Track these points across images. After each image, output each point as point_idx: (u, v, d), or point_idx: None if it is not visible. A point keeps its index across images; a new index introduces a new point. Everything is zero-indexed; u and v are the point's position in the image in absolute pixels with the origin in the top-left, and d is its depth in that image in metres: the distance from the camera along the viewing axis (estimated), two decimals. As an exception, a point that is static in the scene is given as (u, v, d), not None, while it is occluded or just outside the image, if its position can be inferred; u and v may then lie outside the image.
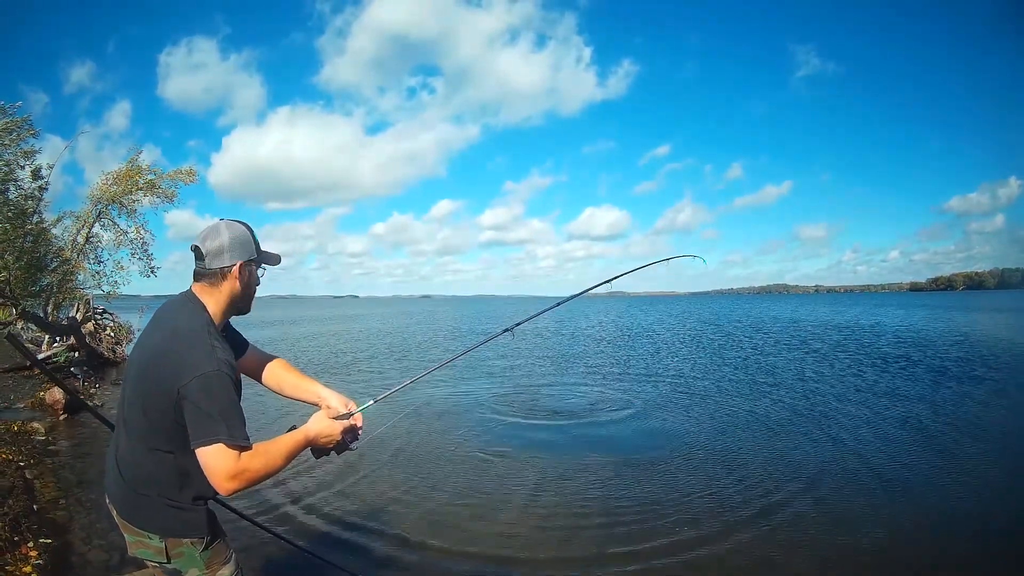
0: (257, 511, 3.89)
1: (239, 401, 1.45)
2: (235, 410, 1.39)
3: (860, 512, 3.99)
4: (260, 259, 1.59)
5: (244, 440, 1.36)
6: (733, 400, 8.06)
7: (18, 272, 9.03)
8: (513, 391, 9.03)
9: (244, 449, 1.36)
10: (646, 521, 3.86)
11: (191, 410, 1.34)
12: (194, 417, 1.34)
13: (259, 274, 1.61)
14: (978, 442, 5.73)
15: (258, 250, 1.58)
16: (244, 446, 1.36)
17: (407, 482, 4.67)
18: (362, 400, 1.75)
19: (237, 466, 1.34)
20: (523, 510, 4.08)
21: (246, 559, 3.07)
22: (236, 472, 1.34)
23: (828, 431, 6.21)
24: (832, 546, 3.49)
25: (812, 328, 22.63)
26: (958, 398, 7.88)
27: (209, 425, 1.33)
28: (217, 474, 1.33)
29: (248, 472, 1.36)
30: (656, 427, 6.58)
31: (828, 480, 4.64)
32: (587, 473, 4.88)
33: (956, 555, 3.42)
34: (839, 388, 8.89)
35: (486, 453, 5.52)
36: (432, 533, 3.65)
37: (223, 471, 1.33)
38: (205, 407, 1.34)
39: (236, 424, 1.37)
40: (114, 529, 1.52)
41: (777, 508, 4.06)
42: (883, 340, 16.63)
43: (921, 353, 13.14)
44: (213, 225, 1.54)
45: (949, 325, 22.70)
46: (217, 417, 1.34)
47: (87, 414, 6.68)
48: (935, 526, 3.80)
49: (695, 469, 4.97)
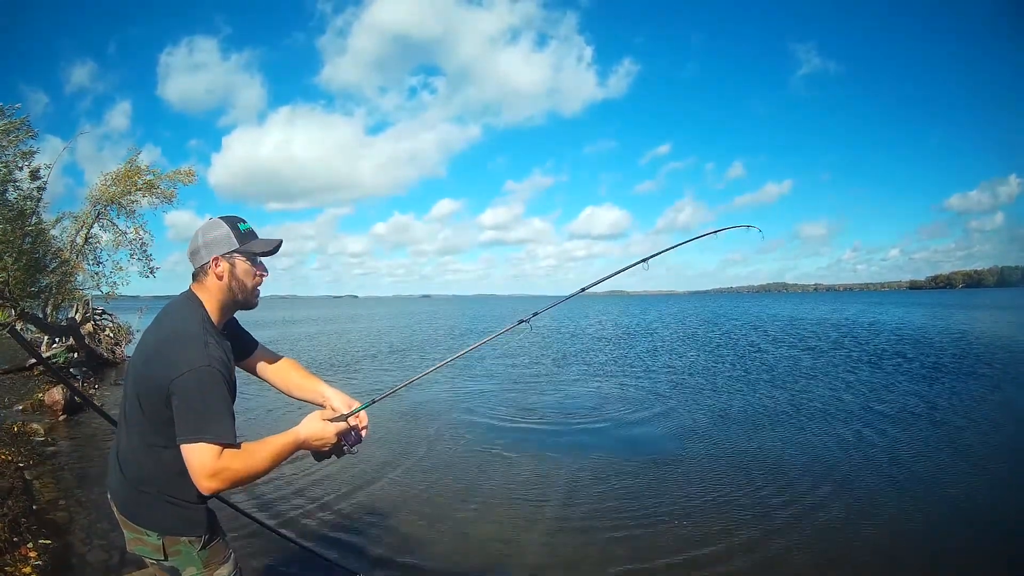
0: (257, 509, 3.88)
1: (231, 400, 1.43)
2: (222, 407, 1.37)
3: (863, 509, 4.00)
4: (242, 249, 1.52)
5: (227, 438, 1.33)
6: (732, 397, 8.06)
7: (17, 273, 9.02)
8: (514, 391, 9.03)
9: (227, 447, 1.33)
10: (646, 523, 3.86)
11: (178, 405, 1.33)
12: (180, 413, 1.33)
13: (247, 264, 1.53)
14: (979, 436, 5.74)
15: (240, 241, 1.52)
16: (227, 444, 1.33)
17: (407, 482, 4.67)
18: (364, 400, 1.70)
19: (217, 465, 1.31)
20: (523, 510, 4.08)
21: (246, 558, 3.08)
22: (216, 471, 1.31)
23: (833, 427, 6.22)
24: (833, 545, 3.50)
25: (810, 326, 22.64)
26: (958, 393, 7.90)
27: (193, 421, 1.32)
28: (196, 472, 1.31)
29: (228, 472, 1.32)
30: (659, 426, 6.58)
31: (833, 476, 4.65)
32: (587, 473, 4.88)
33: (956, 554, 3.43)
34: (835, 384, 8.91)
35: (487, 453, 5.53)
36: (432, 533, 3.66)
37: (202, 469, 1.30)
38: (192, 403, 1.33)
39: (221, 421, 1.34)
40: (114, 529, 1.52)
41: (778, 508, 4.07)
42: (881, 337, 16.66)
43: (918, 350, 13.17)
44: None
45: (947, 323, 22.73)
46: (202, 413, 1.32)
47: (87, 415, 6.68)
48: (936, 525, 3.80)
49: (704, 469, 4.97)
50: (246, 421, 6.68)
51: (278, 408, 7.21)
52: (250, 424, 6.58)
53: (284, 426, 1.49)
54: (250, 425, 6.52)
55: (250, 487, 4.13)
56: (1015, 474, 4.81)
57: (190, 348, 1.37)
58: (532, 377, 10.45)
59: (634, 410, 7.40)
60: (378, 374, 11.35)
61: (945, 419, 6.57)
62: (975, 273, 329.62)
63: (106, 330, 13.00)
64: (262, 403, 7.54)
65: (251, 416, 6.99)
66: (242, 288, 1.54)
